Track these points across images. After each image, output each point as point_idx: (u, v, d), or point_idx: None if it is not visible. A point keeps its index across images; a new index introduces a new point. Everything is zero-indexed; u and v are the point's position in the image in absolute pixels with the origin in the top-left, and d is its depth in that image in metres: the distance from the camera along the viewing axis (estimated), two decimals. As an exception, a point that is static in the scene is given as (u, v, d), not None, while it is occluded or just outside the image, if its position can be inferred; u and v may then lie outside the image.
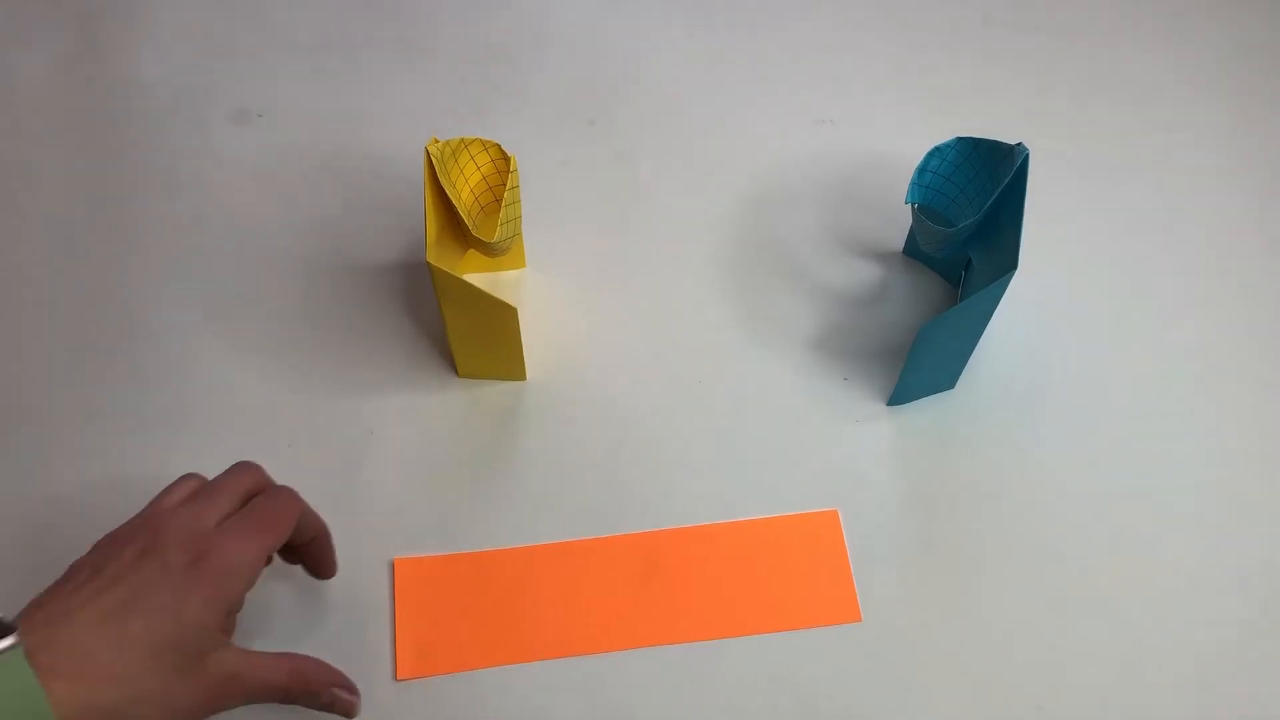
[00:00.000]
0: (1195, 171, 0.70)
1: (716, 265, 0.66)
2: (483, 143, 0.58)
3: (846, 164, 0.69)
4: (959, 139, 0.58)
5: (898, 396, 0.61)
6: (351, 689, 0.49)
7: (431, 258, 0.54)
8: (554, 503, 0.58)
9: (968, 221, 0.56)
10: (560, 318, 0.64)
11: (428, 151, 0.55)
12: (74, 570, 0.44)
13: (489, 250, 0.58)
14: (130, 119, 0.71)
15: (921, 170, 0.59)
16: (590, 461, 0.59)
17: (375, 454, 0.59)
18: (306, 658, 0.48)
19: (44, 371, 0.62)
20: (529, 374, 0.62)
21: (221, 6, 0.75)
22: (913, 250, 0.66)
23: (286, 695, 0.46)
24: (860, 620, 0.55)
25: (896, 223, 0.67)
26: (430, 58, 0.74)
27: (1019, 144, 0.56)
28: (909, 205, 0.60)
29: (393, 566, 0.56)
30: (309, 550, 0.52)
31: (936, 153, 0.58)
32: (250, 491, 0.48)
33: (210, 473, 0.49)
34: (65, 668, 0.40)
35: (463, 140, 0.58)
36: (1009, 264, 0.53)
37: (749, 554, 0.57)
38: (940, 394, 0.62)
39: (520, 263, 0.66)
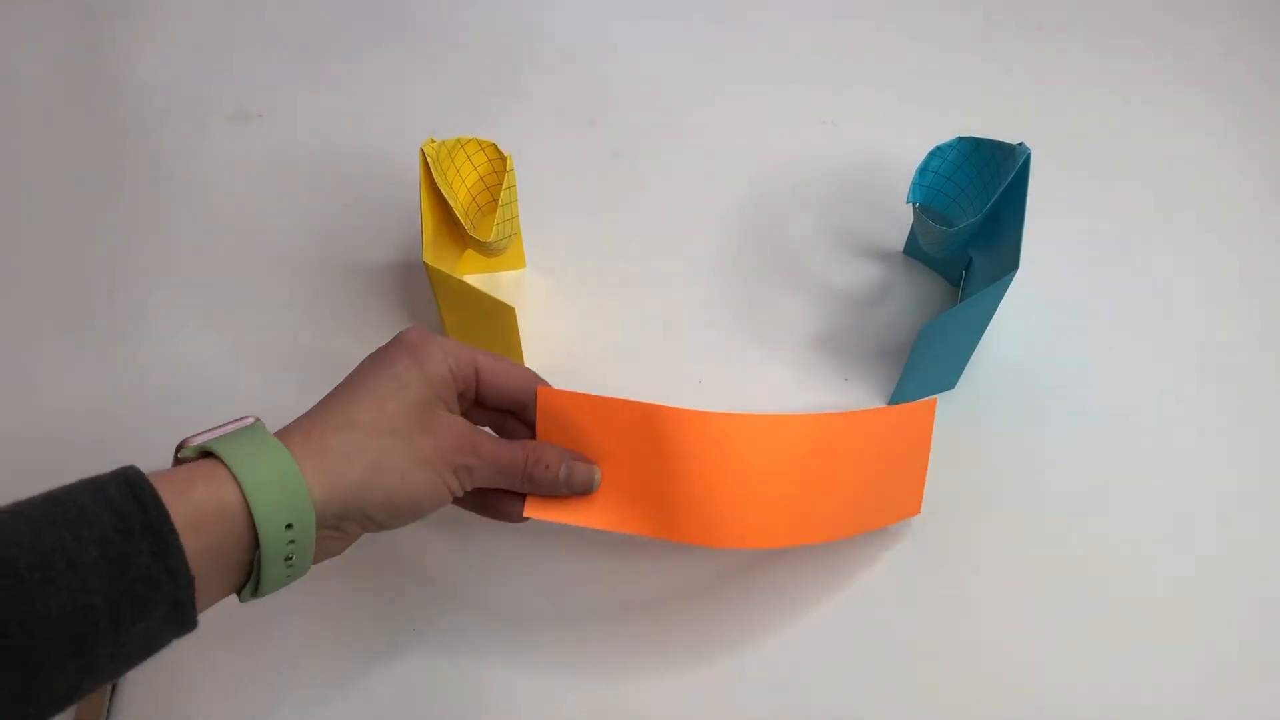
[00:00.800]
0: (1197, 171, 0.70)
1: (716, 265, 0.66)
2: (479, 142, 0.58)
3: (846, 164, 0.69)
4: (960, 139, 0.58)
5: (898, 396, 0.61)
6: (586, 459, 0.49)
7: (428, 258, 0.53)
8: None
9: (969, 221, 0.56)
10: (560, 318, 0.64)
11: (423, 151, 0.55)
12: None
13: (486, 250, 0.58)
14: (130, 119, 0.71)
15: (923, 170, 0.58)
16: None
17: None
18: (538, 444, 0.48)
19: (44, 371, 0.62)
20: (528, 374, 0.62)
21: (221, 6, 0.75)
22: (913, 250, 0.66)
23: (523, 472, 0.47)
24: (919, 514, 0.55)
25: (897, 223, 0.67)
26: (429, 58, 0.74)
27: (1020, 144, 0.55)
28: (910, 205, 0.60)
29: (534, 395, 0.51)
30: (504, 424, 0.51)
31: (938, 152, 0.58)
32: None
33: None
34: (294, 427, 0.43)
35: (459, 140, 0.58)
36: (1010, 264, 0.53)
37: (836, 450, 0.51)
38: (941, 394, 0.62)
39: (519, 262, 0.66)
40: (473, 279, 0.64)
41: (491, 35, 0.74)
